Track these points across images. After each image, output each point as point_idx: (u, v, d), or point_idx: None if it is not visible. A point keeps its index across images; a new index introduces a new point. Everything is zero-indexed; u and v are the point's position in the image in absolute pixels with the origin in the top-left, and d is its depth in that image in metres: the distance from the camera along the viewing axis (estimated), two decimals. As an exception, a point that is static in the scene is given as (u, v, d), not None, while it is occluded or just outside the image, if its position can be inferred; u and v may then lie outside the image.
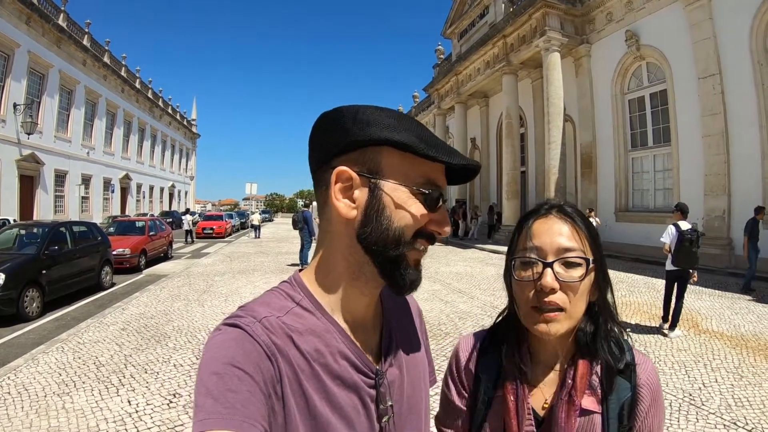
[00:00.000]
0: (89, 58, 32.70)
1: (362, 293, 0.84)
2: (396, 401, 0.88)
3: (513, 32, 20.64)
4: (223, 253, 19.24)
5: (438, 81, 30.07)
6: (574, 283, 0.99)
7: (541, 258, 1.01)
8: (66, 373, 5.38)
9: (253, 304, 0.81)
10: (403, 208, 0.78)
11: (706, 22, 13.93)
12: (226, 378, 0.66)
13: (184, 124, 62.63)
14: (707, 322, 7.78)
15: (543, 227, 1.05)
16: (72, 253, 10.15)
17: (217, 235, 29.90)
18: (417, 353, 1.00)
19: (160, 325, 7.51)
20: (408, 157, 0.78)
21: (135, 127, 43.16)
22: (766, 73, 12.68)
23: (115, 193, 38.10)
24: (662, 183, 16.71)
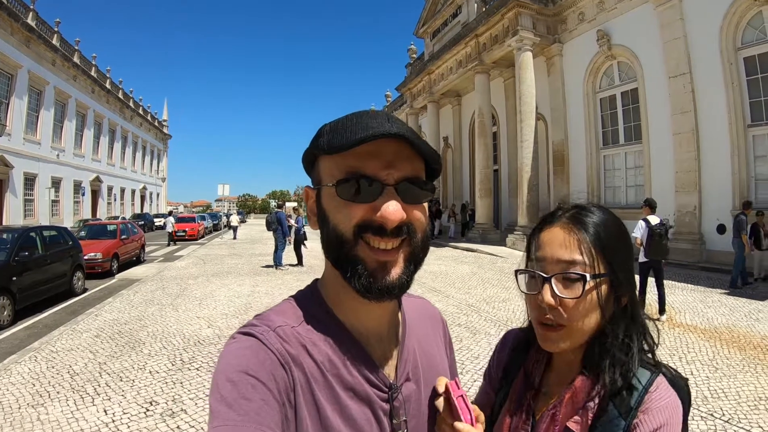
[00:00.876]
0: (59, 58, 32.26)
1: (361, 302, 0.80)
2: (412, 416, 0.86)
3: (485, 32, 20.77)
4: (197, 256, 19.08)
5: (410, 80, 30.14)
6: (571, 301, 0.94)
7: (543, 271, 0.97)
8: (40, 383, 5.27)
9: (269, 313, 0.83)
10: (335, 207, 0.78)
11: (677, 22, 14.20)
12: (240, 386, 0.68)
13: (155, 125, 62.13)
14: (681, 316, 7.96)
15: (549, 236, 1.01)
16: (43, 259, 9.95)
17: (190, 238, 29.60)
18: (438, 367, 0.97)
19: (134, 331, 7.40)
20: (334, 157, 0.78)
21: (106, 129, 42.70)
22: (735, 72, 12.97)
23: (85, 196, 37.57)
24: (634, 180, 16.98)
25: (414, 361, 0.91)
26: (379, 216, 0.74)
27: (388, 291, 0.76)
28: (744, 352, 6.07)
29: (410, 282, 0.80)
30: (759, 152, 12.91)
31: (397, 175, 0.77)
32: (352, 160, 0.76)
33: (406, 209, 0.77)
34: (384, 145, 0.76)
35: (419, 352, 0.94)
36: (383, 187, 0.76)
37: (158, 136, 64.07)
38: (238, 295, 10.35)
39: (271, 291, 10.89)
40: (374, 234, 0.75)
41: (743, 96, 13.00)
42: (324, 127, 0.80)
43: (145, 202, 57.03)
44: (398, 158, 0.77)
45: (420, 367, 0.92)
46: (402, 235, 0.77)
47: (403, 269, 0.78)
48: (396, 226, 0.75)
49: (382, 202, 0.75)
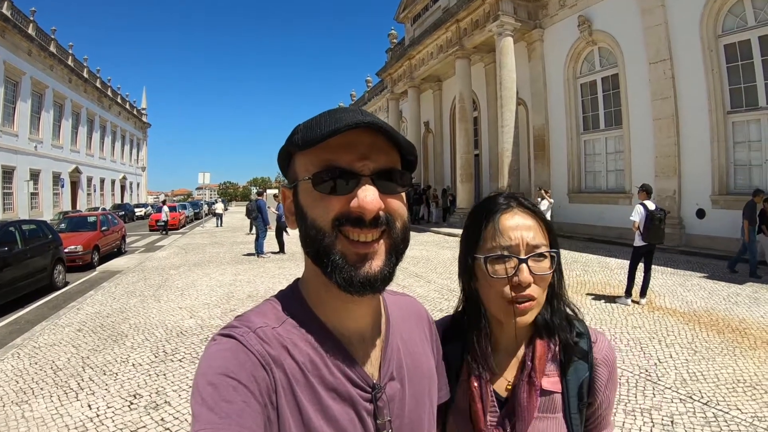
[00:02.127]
0: (35, 48, 31.79)
1: (343, 300, 0.79)
2: (396, 416, 0.85)
3: (466, 17, 20.78)
4: (178, 246, 18.97)
5: (391, 65, 30.18)
6: (545, 275, 1.05)
7: (515, 254, 1.03)
8: (23, 380, 5.24)
9: (250, 314, 0.82)
10: (312, 201, 0.77)
11: (658, 8, 14.30)
12: (220, 388, 0.67)
13: (133, 113, 61.50)
14: (660, 300, 8.09)
15: (510, 223, 1.07)
16: (23, 254, 9.84)
17: (171, 227, 29.41)
18: (423, 366, 0.96)
19: (116, 324, 7.37)
20: (309, 153, 0.77)
21: (84, 119, 42.23)
22: (715, 59, 13.09)
23: (65, 187, 37.19)
24: (614, 165, 17.16)
25: (398, 360, 0.90)
26: (356, 207, 0.74)
27: (370, 284, 0.75)
28: (723, 335, 6.17)
29: (392, 274, 0.79)
30: (738, 138, 13.10)
31: (373, 165, 0.77)
32: (327, 153, 0.76)
33: (384, 200, 0.76)
34: (358, 137, 0.76)
35: (404, 351, 0.93)
36: (359, 178, 0.75)
37: (137, 124, 63.44)
38: (220, 285, 10.33)
39: (253, 279, 10.89)
40: (353, 226, 0.74)
41: (723, 83, 13.14)
42: (298, 125, 0.80)
43: (126, 192, 56.59)
44: (373, 150, 0.77)
45: (404, 367, 0.91)
46: (381, 226, 0.76)
47: (385, 261, 0.77)
48: (374, 217, 0.75)
49: (359, 194, 0.74)
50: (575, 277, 10.07)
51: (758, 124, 12.64)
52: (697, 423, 3.94)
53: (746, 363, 5.21)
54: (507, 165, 18.58)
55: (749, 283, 9.14)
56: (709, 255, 12.09)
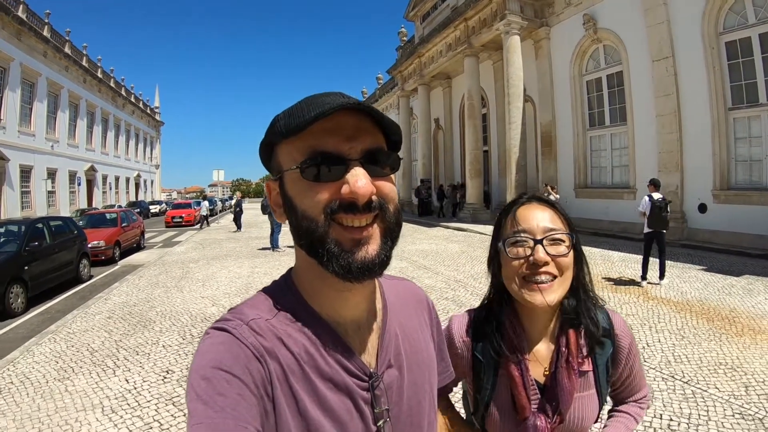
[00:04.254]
0: (50, 50, 32.17)
1: (338, 289, 0.80)
2: (395, 404, 0.86)
3: (474, 15, 21.05)
4: (195, 241, 19.38)
5: (401, 63, 30.44)
6: (561, 257, 1.15)
7: (530, 236, 1.16)
8: (62, 361, 5.71)
9: (242, 306, 0.83)
10: (301, 191, 0.77)
11: (661, 6, 14.52)
12: (214, 382, 0.67)
13: (147, 112, 61.86)
14: (656, 290, 8.40)
15: (527, 213, 1.20)
16: (51, 248, 10.33)
17: (187, 223, 29.96)
18: (423, 352, 0.97)
19: (143, 312, 7.84)
20: (292, 141, 0.77)
21: (98, 118, 42.58)
22: (716, 56, 13.31)
23: (81, 186, 37.64)
24: (619, 160, 17.41)
25: (396, 346, 0.90)
26: (348, 192, 0.73)
27: (368, 269, 0.75)
28: (712, 322, 6.43)
29: (389, 258, 0.78)
30: (739, 134, 13.29)
31: (360, 147, 0.76)
32: (312, 139, 0.75)
33: (375, 183, 0.76)
34: (342, 120, 0.75)
35: (402, 337, 0.93)
36: (348, 162, 0.75)
37: (151, 123, 63.91)
38: (239, 276, 10.79)
39: (270, 272, 11.30)
40: (345, 212, 0.74)
41: (724, 79, 13.32)
42: (278, 115, 0.79)
43: (140, 190, 56.96)
44: (359, 132, 0.77)
45: (403, 353, 0.91)
46: (374, 210, 0.76)
47: (381, 245, 0.77)
48: (367, 202, 0.74)
49: (349, 179, 0.73)
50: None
51: (759, 120, 12.83)
52: (676, 399, 4.26)
53: (730, 348, 5.48)
54: (515, 161, 18.86)
55: (746, 275, 9.38)
56: (710, 249, 12.34)
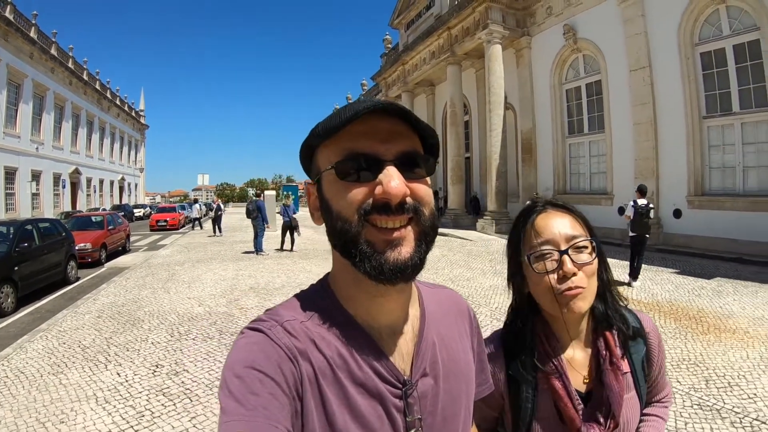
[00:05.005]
0: (36, 51, 32.23)
1: (373, 294, 0.79)
2: (429, 413, 0.84)
3: (457, 24, 21.46)
4: (180, 244, 19.54)
5: (385, 70, 30.86)
6: (587, 264, 1.13)
7: (554, 247, 1.13)
8: (55, 357, 5.93)
9: (279, 308, 0.83)
10: (336, 192, 0.77)
11: (639, 18, 15.08)
12: (247, 381, 0.68)
13: (132, 115, 61.99)
14: (627, 292, 8.70)
15: (547, 222, 1.16)
16: (40, 250, 10.51)
17: (171, 227, 30.09)
18: (461, 362, 0.95)
19: (132, 311, 8.06)
20: (330, 143, 0.78)
21: (83, 120, 42.68)
22: (692, 67, 13.84)
23: (66, 188, 37.59)
24: (597, 167, 17.90)
25: (432, 355, 0.88)
26: (381, 193, 0.73)
27: (400, 271, 0.74)
28: (679, 321, 6.75)
29: (423, 262, 0.77)
30: (713, 142, 13.78)
31: (395, 150, 0.76)
32: (348, 141, 0.76)
33: (409, 185, 0.75)
34: (378, 124, 0.76)
35: (440, 347, 0.91)
36: (382, 163, 0.75)
37: (135, 126, 63.97)
38: (224, 278, 11.02)
39: (254, 274, 11.56)
40: (379, 213, 0.73)
41: (699, 89, 13.82)
42: (320, 122, 0.80)
43: (124, 193, 57.05)
44: (393, 134, 0.77)
45: (440, 362, 0.89)
46: (408, 212, 0.75)
47: (414, 248, 0.76)
48: (400, 203, 0.74)
49: (383, 179, 0.73)
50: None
51: (732, 128, 13.32)
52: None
53: (695, 345, 5.78)
54: (495, 168, 19.28)
55: (717, 278, 9.71)
56: (685, 253, 12.77)
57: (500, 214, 19.45)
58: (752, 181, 12.95)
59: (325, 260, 13.66)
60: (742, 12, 12.77)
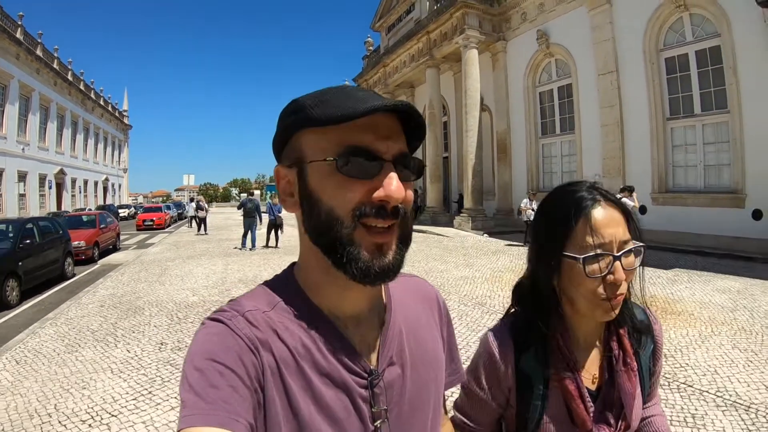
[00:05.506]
0: (22, 52, 32.39)
1: (343, 286, 0.78)
2: (396, 403, 0.83)
3: (436, 29, 22.20)
4: (168, 243, 20.08)
5: (367, 72, 31.67)
6: (633, 269, 1.07)
7: (609, 252, 1.03)
8: (68, 339, 6.60)
9: (241, 298, 0.82)
10: (332, 186, 0.73)
11: (607, 25, 16.03)
12: (207, 373, 0.67)
13: (115, 115, 61.87)
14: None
15: (603, 219, 1.05)
16: (41, 246, 11.11)
17: (158, 227, 30.56)
18: (429, 350, 0.93)
19: (131, 301, 8.73)
20: (323, 131, 0.73)
21: (68, 121, 42.71)
22: (656, 71, 14.79)
23: (52, 189, 37.79)
24: (568, 166, 18.87)
25: (399, 344, 0.87)
26: (382, 195, 0.71)
27: (386, 274, 0.74)
28: None
29: (402, 263, 0.77)
30: (676, 142, 14.75)
31: (394, 149, 0.75)
32: (348, 133, 0.72)
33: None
34: (379, 120, 0.74)
35: (407, 335, 0.89)
36: (383, 162, 0.73)
37: (119, 126, 63.92)
38: (214, 272, 11.71)
39: (242, 268, 12.25)
40: (375, 216, 0.71)
41: (663, 92, 14.80)
42: (303, 100, 0.76)
43: (108, 194, 56.92)
44: (391, 133, 0.75)
45: (407, 351, 0.87)
46: (399, 216, 0.73)
47: (396, 251, 0.75)
48: (395, 206, 0.72)
49: (383, 180, 0.72)
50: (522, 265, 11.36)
51: (693, 129, 14.23)
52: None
53: None
54: (470, 167, 20.09)
55: (675, 268, 10.37)
56: (650, 247, 13.28)
57: (476, 211, 20.16)
58: (712, 178, 13.84)
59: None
60: (704, 19, 13.60)
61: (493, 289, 9.00)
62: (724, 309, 7.11)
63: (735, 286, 8.62)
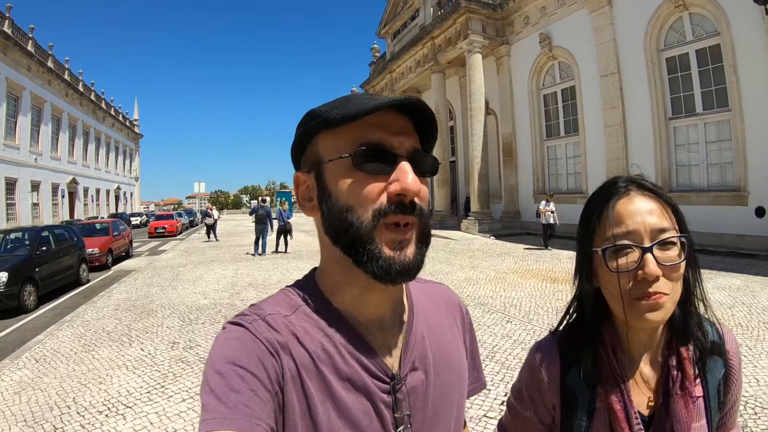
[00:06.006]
0: (34, 64, 32.87)
1: (364, 288, 0.78)
2: (419, 408, 0.82)
3: (440, 34, 22.51)
4: (180, 249, 20.37)
5: (373, 78, 31.98)
6: (675, 266, 0.91)
7: (637, 243, 0.92)
8: (84, 340, 6.90)
9: (262, 303, 0.82)
10: (349, 185, 0.74)
11: (608, 26, 16.26)
12: (228, 377, 0.67)
13: (126, 125, 62.48)
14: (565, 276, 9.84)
15: (628, 208, 0.95)
16: (56, 253, 11.45)
17: (169, 234, 30.91)
18: (453, 357, 0.92)
19: (145, 305, 9.01)
20: (338, 132, 0.75)
21: (80, 131, 43.25)
22: (658, 71, 14.98)
23: (65, 198, 38.23)
24: (573, 168, 19.11)
25: (422, 349, 0.86)
26: (398, 188, 0.71)
27: (406, 272, 0.73)
28: None
29: (423, 262, 0.76)
30: (679, 141, 14.91)
31: (408, 144, 0.75)
32: (361, 130, 0.74)
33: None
34: (390, 118, 0.75)
35: (430, 341, 0.88)
36: (397, 157, 0.73)
37: (130, 135, 64.57)
38: (224, 277, 12.01)
39: (252, 273, 12.53)
40: (394, 212, 0.72)
41: (665, 92, 14.99)
42: (318, 108, 0.78)
43: (120, 202, 57.47)
44: (404, 130, 0.76)
45: (430, 357, 0.87)
46: (416, 212, 0.74)
47: (417, 249, 0.75)
48: (412, 201, 0.72)
49: (399, 174, 0.72)
50: (527, 265, 11.82)
51: (696, 128, 14.39)
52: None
53: None
54: (476, 171, 20.29)
55: None
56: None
57: (483, 214, 20.36)
58: (714, 177, 13.99)
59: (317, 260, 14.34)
60: (704, 18, 13.80)
61: (495, 290, 9.20)
62: (723, 306, 7.23)
63: (735, 284, 8.75)
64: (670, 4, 14.19)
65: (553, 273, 10.65)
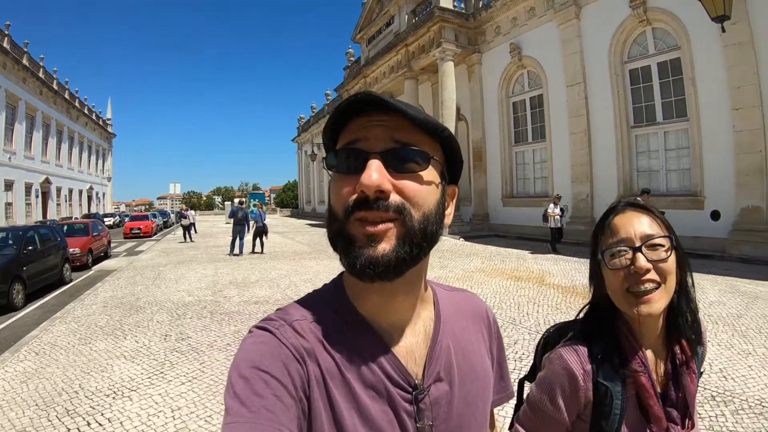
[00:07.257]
0: (9, 61, 32.80)
1: (384, 295, 0.79)
2: (442, 420, 0.82)
3: (414, 42, 23.05)
4: (158, 250, 20.65)
5: (348, 82, 32.31)
6: (662, 261, 1.12)
7: (628, 245, 1.14)
8: (79, 334, 7.34)
9: (289, 307, 0.83)
10: (332, 188, 0.77)
11: (575, 39, 17.12)
12: (252, 382, 0.68)
13: (99, 124, 62.14)
14: (552, 279, 10.36)
15: (623, 221, 1.18)
16: (42, 253, 11.78)
17: (144, 234, 30.95)
18: (478, 367, 0.92)
19: (132, 302, 9.44)
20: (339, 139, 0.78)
21: (53, 130, 43.10)
22: (621, 82, 15.85)
23: (39, 198, 38.07)
24: (540, 173, 19.87)
25: (447, 360, 0.87)
26: (357, 185, 0.71)
27: (372, 268, 0.71)
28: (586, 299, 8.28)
29: (402, 263, 0.73)
30: (640, 149, 15.80)
31: (386, 143, 0.74)
32: (348, 135, 0.77)
33: (395, 182, 0.73)
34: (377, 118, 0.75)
35: (455, 351, 0.89)
36: (367, 155, 0.73)
37: (103, 135, 64.27)
38: (205, 276, 12.48)
39: (232, 272, 13.01)
40: (360, 208, 0.72)
41: (627, 102, 15.86)
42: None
43: (92, 202, 57.22)
44: (391, 128, 0.75)
45: (455, 367, 0.87)
46: (389, 210, 0.72)
47: (394, 247, 0.72)
48: (378, 198, 0.71)
49: (364, 172, 0.71)
50: (494, 265, 12.52)
51: (656, 136, 15.25)
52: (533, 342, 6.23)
53: None
54: (447, 175, 20.77)
55: None
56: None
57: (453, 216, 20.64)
58: (674, 182, 14.86)
59: (292, 260, 15.24)
60: (666, 33, 14.61)
61: (462, 287, 9.62)
62: (672, 302, 7.89)
63: (688, 281, 9.40)
64: (635, 18, 14.97)
65: (517, 272, 11.29)
